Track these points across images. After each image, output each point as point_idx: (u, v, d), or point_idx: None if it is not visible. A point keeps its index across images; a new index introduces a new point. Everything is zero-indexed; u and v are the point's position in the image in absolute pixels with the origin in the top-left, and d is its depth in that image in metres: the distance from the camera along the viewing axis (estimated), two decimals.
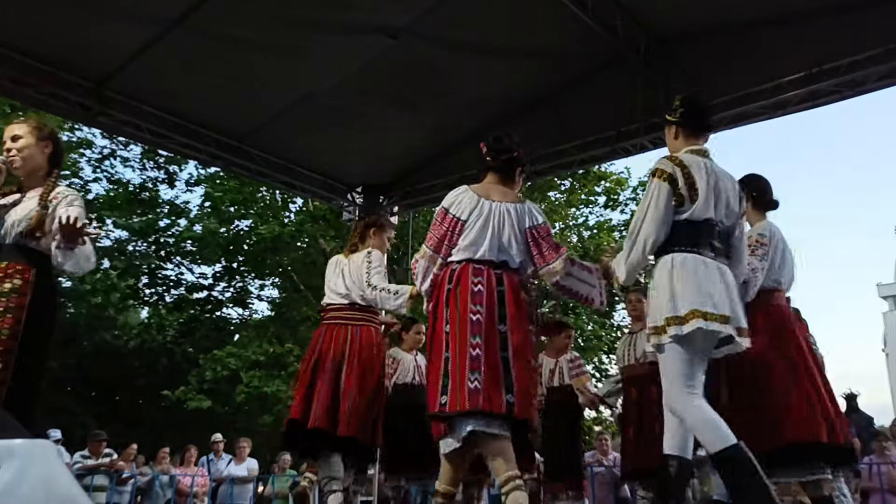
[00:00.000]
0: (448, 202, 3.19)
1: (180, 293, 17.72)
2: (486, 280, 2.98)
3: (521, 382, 2.85)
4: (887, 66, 5.59)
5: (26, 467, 1.50)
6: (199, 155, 7.53)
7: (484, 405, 2.76)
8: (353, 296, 4.16)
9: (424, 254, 3.20)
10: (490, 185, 3.24)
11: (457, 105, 7.20)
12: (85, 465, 8.00)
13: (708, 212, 2.86)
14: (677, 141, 3.11)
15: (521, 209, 3.15)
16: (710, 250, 2.85)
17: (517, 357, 2.89)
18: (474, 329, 2.88)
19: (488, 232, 3.05)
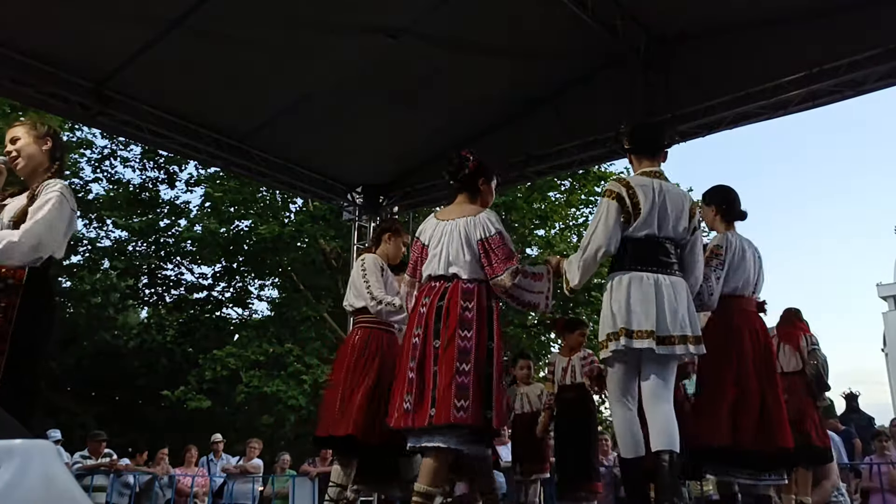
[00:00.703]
0: (419, 231, 3.47)
1: (180, 293, 17.72)
2: (431, 298, 3.19)
3: (440, 392, 3.00)
4: (887, 66, 5.59)
5: (26, 467, 1.49)
6: (199, 155, 7.52)
7: (412, 423, 3.04)
8: (350, 300, 4.22)
9: (404, 279, 3.55)
10: (455, 205, 3.46)
11: (457, 105, 7.20)
12: (85, 465, 8.00)
13: (651, 228, 3.16)
14: (634, 165, 3.46)
15: (473, 222, 3.28)
16: (655, 265, 3.14)
17: (440, 366, 3.04)
18: (413, 352, 3.14)
19: (439, 249, 3.27)
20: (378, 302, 3.97)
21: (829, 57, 5.71)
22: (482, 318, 3.14)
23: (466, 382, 2.99)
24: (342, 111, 7.06)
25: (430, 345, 3.11)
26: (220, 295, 17.97)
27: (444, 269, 3.23)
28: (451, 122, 7.47)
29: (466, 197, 3.44)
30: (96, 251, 16.86)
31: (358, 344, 4.08)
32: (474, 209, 3.36)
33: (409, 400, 3.06)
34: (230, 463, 9.28)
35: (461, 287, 3.18)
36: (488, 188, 3.48)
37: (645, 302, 3.04)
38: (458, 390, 2.97)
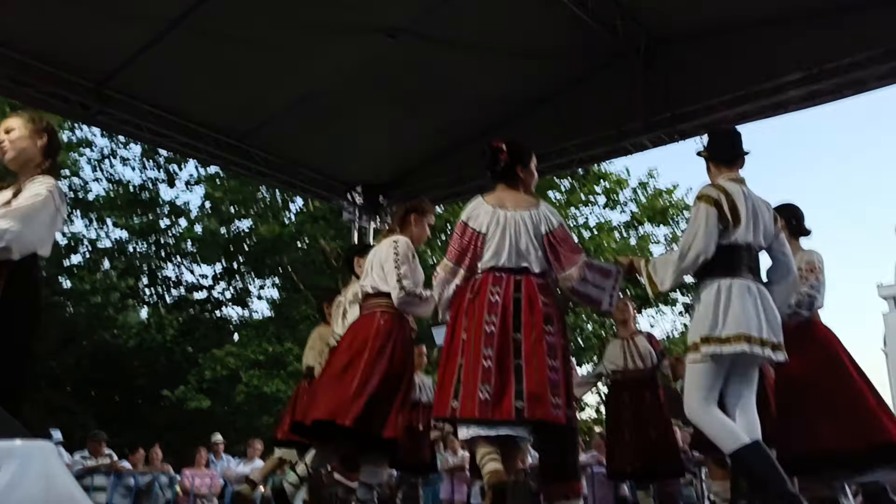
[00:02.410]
0: (466, 216, 3.29)
1: (180, 293, 17.74)
2: (503, 288, 3.07)
3: (531, 386, 2.90)
4: (887, 66, 5.59)
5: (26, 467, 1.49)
6: (199, 154, 7.52)
7: (493, 415, 2.88)
8: (367, 287, 3.88)
9: (445, 266, 3.30)
10: (502, 193, 3.33)
11: (457, 105, 7.20)
12: (85, 466, 8.00)
13: (748, 236, 3.14)
14: (712, 172, 3.39)
15: (537, 215, 3.23)
16: (749, 273, 3.13)
17: (528, 362, 2.94)
18: (487, 340, 2.98)
19: (506, 241, 3.15)
20: (407, 293, 3.71)
21: (829, 57, 5.71)
22: (558, 315, 3.12)
23: (557, 379, 2.95)
24: (342, 111, 7.06)
25: (509, 336, 3.00)
26: (220, 295, 17.99)
27: (514, 263, 3.14)
28: (451, 122, 7.47)
29: (507, 186, 3.35)
30: (96, 251, 16.88)
31: (383, 328, 3.75)
32: (529, 200, 3.31)
33: (488, 390, 2.91)
34: (231, 465, 9.29)
35: (535, 282, 3.12)
36: (528, 172, 3.41)
37: (758, 310, 3.05)
38: (553, 387, 2.92)
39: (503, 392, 2.91)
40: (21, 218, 2.60)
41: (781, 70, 5.91)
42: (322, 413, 3.56)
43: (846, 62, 5.67)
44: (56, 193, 2.77)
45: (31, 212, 2.65)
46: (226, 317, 18.19)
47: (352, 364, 3.66)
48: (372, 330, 3.74)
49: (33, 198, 2.69)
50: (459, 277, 3.24)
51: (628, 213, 17.45)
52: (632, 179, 17.43)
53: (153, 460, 8.84)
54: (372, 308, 3.85)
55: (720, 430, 3.00)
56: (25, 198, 2.69)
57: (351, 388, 3.55)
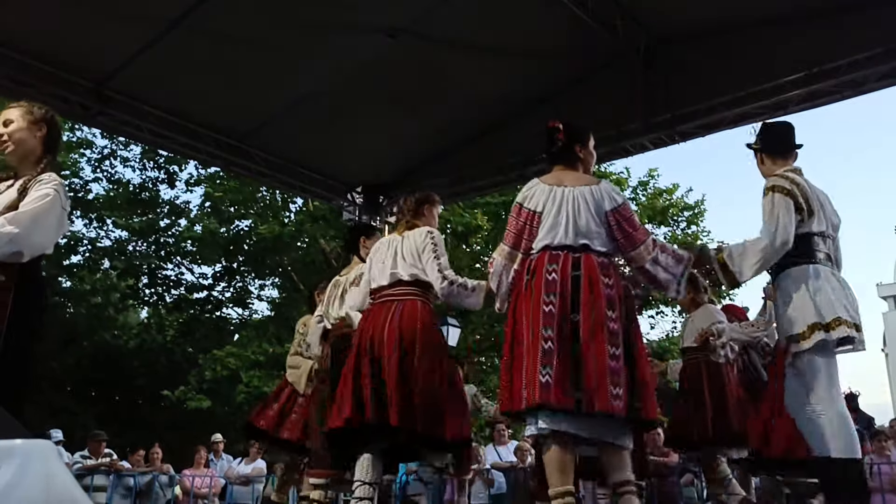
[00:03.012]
0: (521, 197, 3.12)
1: (180, 293, 17.73)
2: (560, 266, 2.89)
3: (589, 375, 2.71)
4: (887, 66, 5.59)
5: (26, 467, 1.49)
6: (199, 155, 7.53)
7: (555, 400, 2.68)
8: (403, 274, 3.63)
9: (502, 251, 3.13)
10: (560, 173, 3.15)
11: (457, 105, 7.20)
12: (85, 465, 7.99)
13: (821, 224, 3.13)
14: (765, 165, 3.35)
15: (598, 192, 3.03)
16: (828, 260, 3.13)
17: (587, 347, 2.75)
18: (546, 320, 2.80)
19: (563, 217, 2.97)
20: (451, 283, 3.53)
21: (829, 57, 5.72)
22: (621, 296, 2.90)
23: (618, 368, 2.73)
24: (342, 111, 7.06)
25: (567, 316, 2.80)
26: (220, 295, 17.98)
27: (571, 240, 2.93)
28: (451, 122, 7.48)
29: (565, 166, 3.17)
30: (96, 251, 16.87)
31: (428, 319, 3.55)
32: (590, 178, 3.14)
33: (549, 373, 2.70)
34: (231, 464, 9.28)
35: (597, 260, 2.91)
36: (588, 151, 3.24)
37: (847, 295, 3.06)
38: (612, 376, 2.71)
39: (564, 377, 2.71)
40: (30, 222, 2.61)
41: (781, 70, 5.91)
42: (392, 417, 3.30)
43: (846, 62, 5.68)
44: (62, 192, 2.75)
45: (40, 215, 2.64)
46: (226, 317, 18.19)
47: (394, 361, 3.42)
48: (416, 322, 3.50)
49: (40, 199, 2.67)
50: (518, 262, 3.06)
51: None
52: (632, 179, 17.42)
53: (153, 460, 8.84)
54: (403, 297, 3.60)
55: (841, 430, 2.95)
56: (33, 199, 2.66)
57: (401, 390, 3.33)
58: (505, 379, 2.91)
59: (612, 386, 2.69)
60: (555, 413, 2.69)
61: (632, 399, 2.73)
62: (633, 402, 2.73)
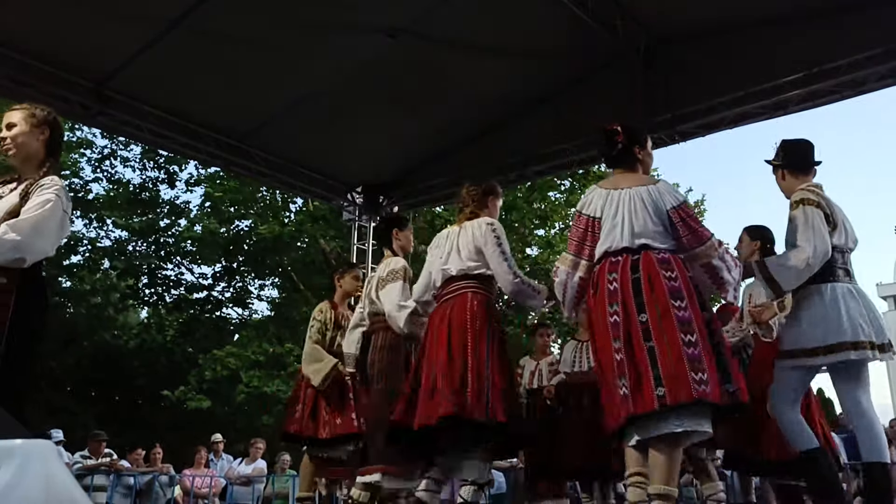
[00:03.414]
0: (580, 204, 3.12)
1: (180, 293, 17.72)
2: (620, 272, 2.87)
3: (667, 368, 2.65)
4: (887, 66, 5.59)
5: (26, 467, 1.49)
6: (199, 155, 7.53)
7: (634, 409, 2.66)
8: (453, 270, 3.50)
9: (565, 259, 3.10)
10: (618, 177, 3.14)
11: (457, 105, 7.20)
12: (85, 465, 7.99)
13: (841, 238, 3.23)
14: (786, 181, 3.44)
15: (656, 191, 3.00)
16: (847, 276, 3.23)
17: (660, 341, 2.71)
18: (614, 332, 2.80)
19: (619, 219, 2.95)
20: (521, 280, 3.44)
21: (829, 57, 5.72)
22: (690, 288, 2.83)
23: (697, 353, 2.66)
24: (342, 111, 7.06)
25: (634, 321, 2.77)
26: (220, 295, 17.97)
27: (628, 241, 2.91)
28: (451, 122, 7.48)
29: (625, 169, 3.15)
30: (96, 251, 16.87)
31: (479, 310, 3.40)
32: (647, 178, 3.11)
33: (625, 384, 2.69)
34: (231, 464, 9.28)
35: (655, 257, 2.87)
36: (646, 153, 3.21)
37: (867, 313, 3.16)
38: (692, 362, 2.63)
39: (641, 381, 2.67)
40: (31, 229, 2.63)
41: (781, 70, 5.92)
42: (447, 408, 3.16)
43: (846, 62, 5.68)
44: (63, 196, 2.77)
45: (41, 222, 2.67)
46: (226, 317, 18.19)
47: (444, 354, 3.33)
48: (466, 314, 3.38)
49: (42, 205, 2.69)
50: (582, 269, 3.03)
51: None
52: None
53: (154, 460, 8.83)
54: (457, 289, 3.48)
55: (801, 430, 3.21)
56: (35, 205, 2.68)
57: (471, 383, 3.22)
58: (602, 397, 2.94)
59: (693, 372, 2.62)
60: (640, 422, 2.68)
61: (724, 384, 2.67)
62: (726, 387, 2.67)
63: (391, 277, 3.95)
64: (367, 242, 8.69)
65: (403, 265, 4.02)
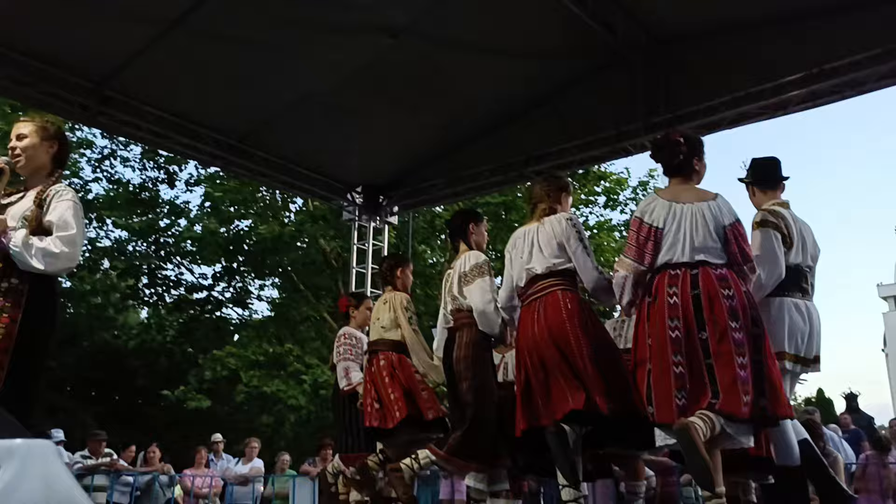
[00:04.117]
0: (640, 212, 3.21)
1: (180, 293, 17.72)
2: (680, 287, 2.98)
3: (724, 383, 2.82)
4: (887, 66, 5.59)
5: (26, 467, 1.50)
6: (199, 155, 7.53)
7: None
8: (538, 268, 3.45)
9: (624, 263, 3.19)
10: (677, 187, 3.25)
11: (457, 105, 7.20)
12: (85, 465, 7.99)
13: (798, 257, 3.38)
14: (756, 197, 3.64)
15: (716, 207, 3.12)
16: (799, 292, 3.38)
17: (718, 360, 2.86)
18: (674, 347, 2.91)
19: (682, 235, 3.06)
20: (604, 276, 3.45)
21: (829, 57, 5.72)
22: (745, 304, 2.96)
23: (746, 376, 2.84)
24: (342, 111, 7.06)
25: (695, 338, 2.91)
26: (220, 295, 17.98)
27: (689, 257, 3.02)
28: (451, 122, 7.48)
29: (683, 179, 3.26)
30: (96, 251, 16.86)
31: (574, 308, 3.35)
32: (706, 193, 3.20)
33: (683, 396, 2.86)
34: (231, 465, 9.28)
35: (713, 274, 2.99)
36: (702, 164, 3.33)
37: (804, 327, 3.34)
38: (742, 385, 2.82)
39: (699, 395, 2.85)
40: (70, 241, 2.82)
41: (781, 70, 5.91)
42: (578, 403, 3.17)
43: (846, 62, 5.67)
44: (79, 204, 2.94)
45: (79, 232, 2.86)
46: (226, 317, 18.18)
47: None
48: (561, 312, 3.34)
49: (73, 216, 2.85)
50: (640, 275, 3.15)
51: (628, 212, 17.43)
52: (632, 179, 17.43)
53: (151, 460, 8.84)
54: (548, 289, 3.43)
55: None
56: (62, 217, 2.83)
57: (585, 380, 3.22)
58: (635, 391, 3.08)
59: (743, 394, 2.80)
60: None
61: (758, 399, 2.83)
62: (758, 402, 2.83)
63: (476, 273, 3.88)
64: (367, 242, 8.69)
65: (486, 259, 3.97)
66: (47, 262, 2.74)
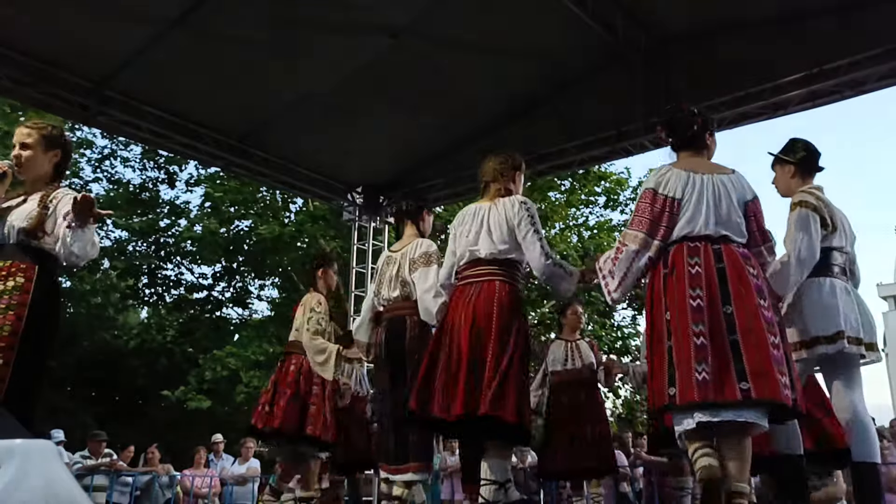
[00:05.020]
0: (653, 182, 2.92)
1: (180, 293, 17.71)
2: (703, 259, 2.75)
3: (753, 364, 2.59)
4: (887, 66, 5.60)
5: (26, 467, 1.50)
6: (199, 155, 7.53)
7: (715, 396, 2.57)
8: (482, 252, 3.33)
9: (635, 238, 2.88)
10: (691, 159, 3.02)
11: (457, 105, 7.21)
12: (85, 465, 7.99)
13: (841, 240, 3.31)
14: (793, 179, 3.47)
15: (738, 181, 2.93)
16: (843, 275, 3.31)
17: (746, 337, 2.63)
18: (695, 316, 2.67)
19: (703, 206, 2.82)
20: (555, 263, 3.28)
21: (829, 57, 5.72)
22: (769, 288, 2.84)
23: (780, 356, 2.65)
24: (342, 111, 7.07)
25: (718, 310, 2.68)
26: (220, 295, 17.97)
27: (712, 230, 2.79)
28: (451, 122, 7.48)
29: (694, 153, 3.04)
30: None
31: (507, 301, 3.25)
32: (722, 166, 3.00)
33: (705, 370, 2.59)
34: (230, 466, 9.28)
35: (737, 251, 2.80)
36: (713, 140, 3.14)
37: (856, 310, 3.25)
38: (777, 364, 2.61)
39: (723, 371, 2.59)
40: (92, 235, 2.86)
41: (781, 70, 5.92)
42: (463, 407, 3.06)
43: (846, 62, 5.68)
44: None
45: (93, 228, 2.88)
46: (226, 317, 18.17)
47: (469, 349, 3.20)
48: (494, 304, 3.24)
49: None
50: (653, 249, 2.85)
51: (628, 212, 17.43)
52: (632, 179, 17.42)
53: (150, 461, 8.84)
54: (487, 276, 3.32)
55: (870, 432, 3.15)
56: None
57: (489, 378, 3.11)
58: (648, 378, 2.84)
59: (780, 375, 2.60)
60: (717, 407, 2.58)
61: (793, 392, 2.64)
62: (793, 395, 2.63)
63: (424, 261, 3.79)
64: (367, 242, 8.69)
65: (436, 249, 3.88)
66: (91, 252, 2.84)
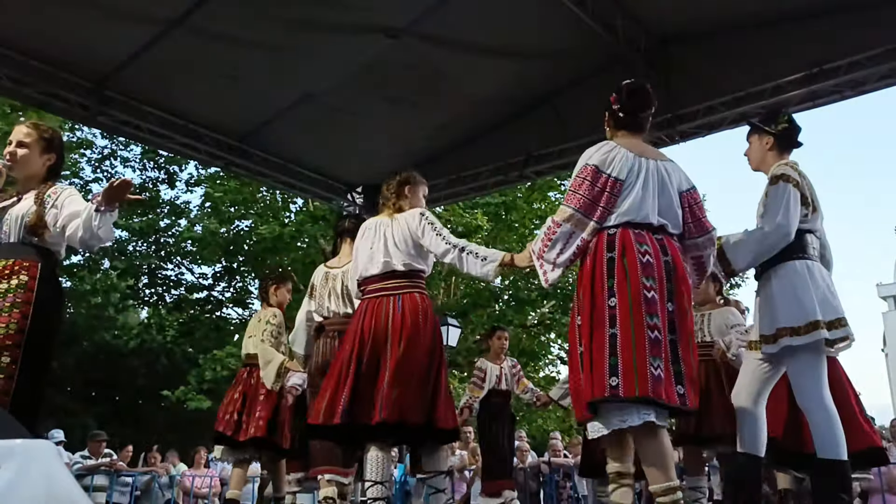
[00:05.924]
0: (597, 159, 2.73)
1: (180, 293, 17.72)
2: (651, 248, 2.63)
3: (689, 369, 2.56)
4: (887, 66, 5.60)
5: (26, 467, 1.50)
6: (199, 155, 7.53)
7: (666, 397, 2.47)
8: (395, 262, 3.38)
9: (570, 217, 2.71)
10: (632, 139, 2.87)
11: (457, 105, 7.20)
12: (85, 465, 7.99)
13: (817, 222, 3.09)
14: (770, 152, 3.22)
15: (675, 169, 2.82)
16: (818, 258, 3.07)
17: (683, 340, 2.58)
18: (650, 307, 2.53)
19: (648, 194, 2.69)
20: (461, 249, 3.24)
21: (829, 57, 5.72)
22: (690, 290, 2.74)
23: (695, 363, 2.65)
24: (342, 111, 7.06)
25: (663, 307, 2.58)
26: (220, 295, 17.97)
27: (653, 219, 2.68)
28: (451, 121, 7.47)
29: (633, 133, 2.92)
30: (96, 251, 16.87)
31: (430, 312, 3.34)
32: (659, 152, 2.91)
33: (660, 366, 2.48)
34: (227, 465, 9.27)
35: (676, 245, 2.72)
36: (647, 120, 3.05)
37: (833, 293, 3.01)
38: (696, 370, 2.62)
39: (670, 371, 2.52)
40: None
41: (781, 70, 5.92)
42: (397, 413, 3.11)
43: (846, 62, 5.68)
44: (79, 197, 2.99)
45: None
46: (226, 317, 18.18)
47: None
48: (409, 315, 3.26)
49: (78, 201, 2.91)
50: (588, 230, 2.70)
51: None
52: None
53: (151, 462, 8.84)
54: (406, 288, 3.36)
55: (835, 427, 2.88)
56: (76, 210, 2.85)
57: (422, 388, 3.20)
58: (584, 366, 2.59)
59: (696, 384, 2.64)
60: (663, 408, 2.50)
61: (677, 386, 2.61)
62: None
63: None
64: None
65: None
66: (111, 235, 2.86)
